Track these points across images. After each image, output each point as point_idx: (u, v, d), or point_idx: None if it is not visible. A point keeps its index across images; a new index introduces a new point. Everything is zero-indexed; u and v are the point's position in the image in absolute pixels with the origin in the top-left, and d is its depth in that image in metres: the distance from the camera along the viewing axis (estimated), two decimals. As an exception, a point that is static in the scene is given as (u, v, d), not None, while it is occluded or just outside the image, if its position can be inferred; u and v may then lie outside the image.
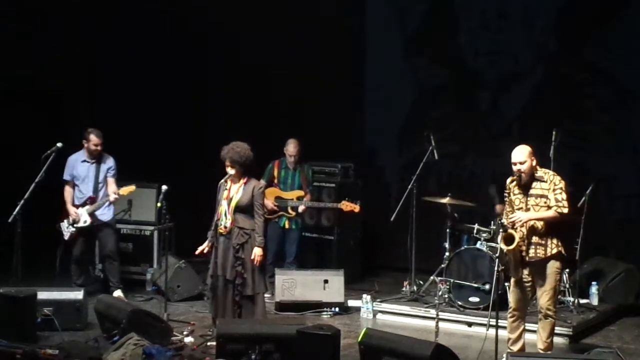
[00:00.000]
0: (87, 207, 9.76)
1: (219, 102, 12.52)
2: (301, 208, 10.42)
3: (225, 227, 8.28)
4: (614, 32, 10.64)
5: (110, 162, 9.87)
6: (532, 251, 7.65)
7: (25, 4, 12.07)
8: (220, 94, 12.55)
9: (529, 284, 7.76)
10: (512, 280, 7.77)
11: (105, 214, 9.86)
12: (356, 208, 10.18)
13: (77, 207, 9.79)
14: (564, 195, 7.61)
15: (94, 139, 9.74)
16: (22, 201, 9.04)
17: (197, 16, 12.53)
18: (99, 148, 9.77)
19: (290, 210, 10.41)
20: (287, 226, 10.46)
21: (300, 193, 10.45)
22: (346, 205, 10.18)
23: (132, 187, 9.78)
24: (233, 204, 8.28)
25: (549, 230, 7.62)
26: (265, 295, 8.62)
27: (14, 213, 8.98)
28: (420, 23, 11.86)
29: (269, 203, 10.11)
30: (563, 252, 7.72)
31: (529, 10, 11.14)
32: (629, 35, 10.51)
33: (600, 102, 10.84)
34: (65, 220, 9.79)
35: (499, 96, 11.42)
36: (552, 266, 7.65)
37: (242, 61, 12.39)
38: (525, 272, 7.71)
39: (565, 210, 7.61)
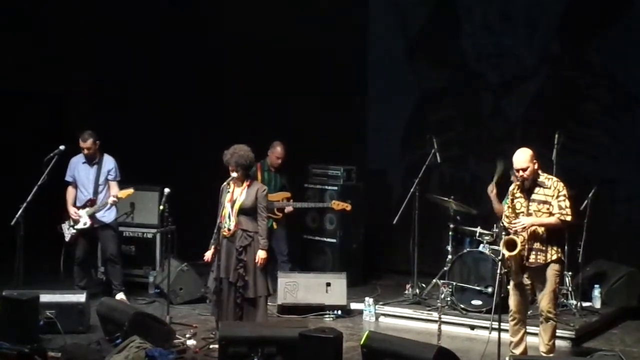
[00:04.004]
0: (86, 209, 9.77)
1: (221, 104, 12.52)
2: (288, 209, 10.46)
3: (229, 230, 8.29)
4: (617, 35, 10.63)
5: (110, 165, 9.84)
6: (532, 257, 7.64)
7: (28, 8, 12.08)
8: (221, 97, 12.55)
9: (528, 287, 7.76)
10: (512, 283, 7.76)
11: (106, 216, 9.86)
12: (347, 207, 10.26)
13: (78, 208, 9.81)
14: (567, 203, 7.59)
15: (80, 141, 9.74)
16: (24, 204, 9.04)
17: (197, 18, 12.54)
18: (90, 151, 9.74)
19: (276, 212, 10.40)
20: (275, 227, 10.47)
21: (286, 194, 10.51)
22: (337, 204, 10.27)
23: (130, 191, 9.78)
24: (237, 206, 8.29)
25: (550, 237, 7.61)
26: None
27: (17, 216, 8.99)
28: (422, 25, 11.84)
29: None
30: (563, 258, 7.73)
31: (532, 12, 11.13)
32: (632, 38, 10.51)
33: (603, 105, 10.83)
34: (67, 222, 9.80)
35: (502, 99, 11.41)
36: (552, 269, 7.64)
37: (242, 63, 12.40)
38: (525, 275, 7.71)
39: (569, 219, 7.59)
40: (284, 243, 10.65)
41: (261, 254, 8.25)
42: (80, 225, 9.74)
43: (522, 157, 7.63)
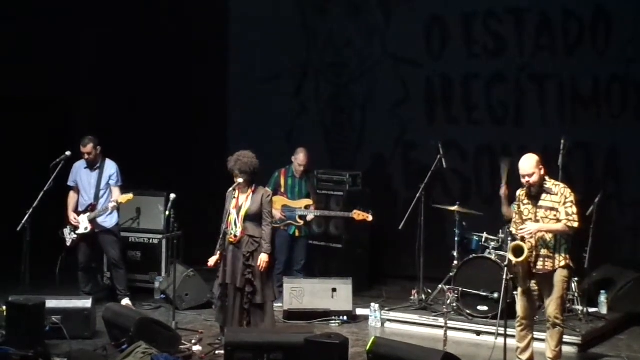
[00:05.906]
0: (87, 214, 9.78)
1: (223, 109, 12.53)
2: (310, 217, 10.38)
3: (236, 236, 8.29)
4: (620, 35, 10.60)
5: (111, 170, 9.85)
6: (540, 263, 7.63)
7: (30, 11, 12.11)
8: (223, 102, 12.56)
9: (536, 293, 7.74)
10: (520, 289, 7.75)
11: (107, 221, 9.87)
12: (369, 217, 9.95)
13: (79, 213, 9.82)
14: (575, 209, 7.57)
15: (81, 146, 9.76)
16: (30, 210, 9.06)
17: (198, 23, 12.55)
18: (90, 156, 9.76)
19: (298, 219, 10.34)
20: (297, 234, 10.40)
21: (309, 202, 10.37)
22: (358, 215, 9.98)
23: (130, 196, 9.77)
24: (243, 212, 8.30)
25: (557, 243, 7.60)
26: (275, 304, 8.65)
27: (23, 221, 9.01)
28: (424, 27, 11.80)
29: (277, 213, 10.07)
30: (571, 264, 7.71)
31: (534, 14, 11.09)
32: (635, 38, 10.48)
33: (609, 108, 10.80)
34: (68, 227, 9.81)
35: (506, 102, 11.38)
36: (559, 275, 7.63)
37: (243, 67, 12.41)
38: (533, 282, 7.69)
39: (576, 225, 7.57)
40: (303, 252, 10.47)
41: (263, 258, 8.24)
42: (80, 230, 9.76)
43: (528, 164, 7.60)
